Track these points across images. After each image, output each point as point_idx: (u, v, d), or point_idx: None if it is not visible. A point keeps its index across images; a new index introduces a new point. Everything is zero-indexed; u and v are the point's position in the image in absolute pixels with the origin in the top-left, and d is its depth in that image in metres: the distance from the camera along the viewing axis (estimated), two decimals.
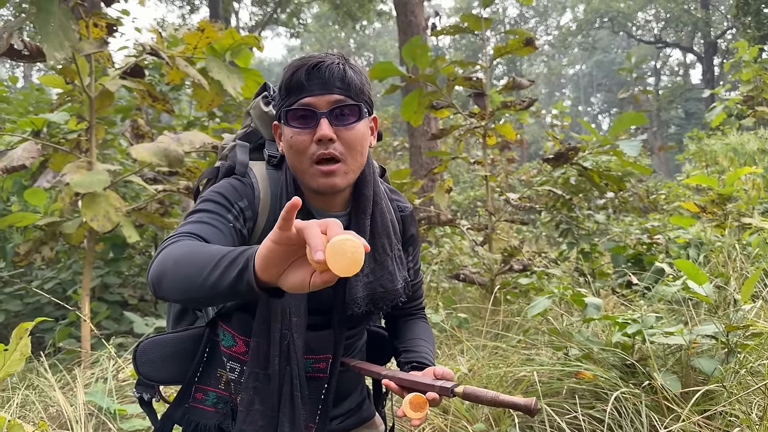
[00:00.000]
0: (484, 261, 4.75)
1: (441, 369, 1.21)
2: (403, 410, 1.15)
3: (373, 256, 1.29)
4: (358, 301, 1.26)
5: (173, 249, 1.02)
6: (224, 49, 4.34)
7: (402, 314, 1.50)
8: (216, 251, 0.95)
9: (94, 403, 2.76)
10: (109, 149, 5.62)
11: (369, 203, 1.29)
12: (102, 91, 3.88)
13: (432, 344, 1.43)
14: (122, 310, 4.72)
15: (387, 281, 1.29)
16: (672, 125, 41.70)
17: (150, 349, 1.30)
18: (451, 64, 5.06)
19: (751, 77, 11.83)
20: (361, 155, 1.23)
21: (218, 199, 1.20)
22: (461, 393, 1.15)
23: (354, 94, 1.21)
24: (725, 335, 2.56)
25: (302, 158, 1.20)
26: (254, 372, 1.23)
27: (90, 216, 3.51)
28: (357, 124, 1.21)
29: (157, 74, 5.86)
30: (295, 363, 1.22)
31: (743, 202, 6.21)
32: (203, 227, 1.13)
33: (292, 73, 1.20)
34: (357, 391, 1.45)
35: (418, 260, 1.48)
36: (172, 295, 1.03)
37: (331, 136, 1.17)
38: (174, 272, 0.99)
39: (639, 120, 4.51)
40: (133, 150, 3.39)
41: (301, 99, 1.18)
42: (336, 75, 1.18)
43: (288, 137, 1.21)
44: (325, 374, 1.29)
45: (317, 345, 1.28)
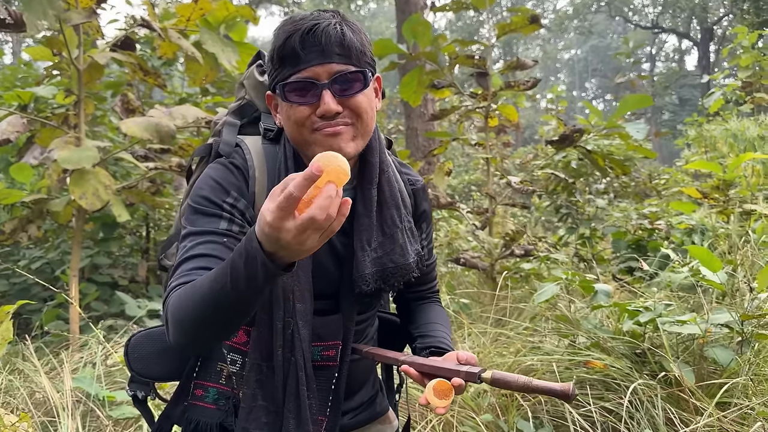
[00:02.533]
0: (484, 245, 4.65)
1: (465, 354, 1.11)
2: (427, 397, 1.05)
3: (381, 228, 1.18)
4: (366, 278, 1.14)
5: (179, 300, 0.97)
6: (218, 22, 4.17)
7: (415, 298, 1.38)
8: (218, 272, 0.91)
9: (82, 390, 2.64)
10: (99, 126, 5.45)
11: (375, 171, 1.18)
12: (91, 63, 3.71)
13: (449, 329, 1.33)
14: (112, 292, 4.59)
15: (398, 255, 1.18)
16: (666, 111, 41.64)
17: (143, 344, 1.19)
18: (452, 42, 4.92)
19: (749, 63, 11.73)
20: (371, 118, 1.12)
21: (206, 208, 1.08)
22: (489, 379, 1.05)
23: (356, 59, 1.08)
24: (740, 324, 2.47)
25: (303, 129, 1.09)
26: (256, 364, 1.12)
27: (78, 194, 3.37)
28: (363, 91, 1.09)
29: (149, 49, 5.68)
30: (300, 354, 1.11)
31: (743, 189, 6.13)
32: (199, 263, 1.04)
33: (284, 41, 1.06)
34: (369, 382, 1.33)
35: (432, 239, 1.36)
36: (205, 338, 0.99)
37: (337, 109, 1.06)
38: (192, 319, 0.95)
39: (645, 102, 4.40)
40: (123, 124, 3.24)
41: (297, 71, 1.06)
42: (334, 39, 1.06)
43: (286, 110, 1.10)
44: (335, 362, 1.18)
45: (325, 331, 1.16)
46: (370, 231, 1.16)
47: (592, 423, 2.26)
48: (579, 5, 39.63)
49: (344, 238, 1.17)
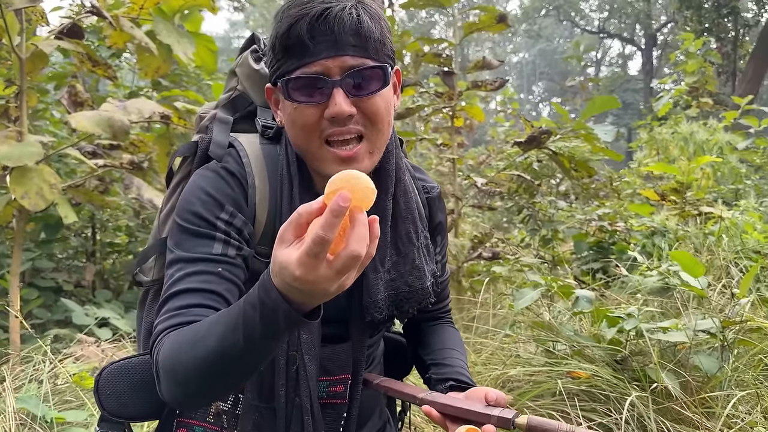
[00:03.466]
0: (450, 248, 4.55)
1: (494, 393, 0.96)
2: None
3: (395, 246, 1.02)
4: (378, 304, 0.99)
5: (175, 352, 0.82)
6: (174, 11, 3.95)
7: (425, 318, 1.23)
8: (225, 325, 0.76)
9: (27, 411, 2.38)
10: (41, 120, 5.11)
11: (391, 180, 1.02)
12: (34, 52, 3.42)
13: (465, 355, 1.18)
14: (56, 297, 4.28)
15: (413, 278, 1.02)
16: (610, 115, 42.75)
17: (117, 377, 0.99)
18: (417, 40, 4.81)
19: (695, 69, 12.10)
20: (387, 125, 0.96)
21: (197, 228, 0.91)
22: (525, 426, 0.90)
23: (374, 52, 0.92)
24: (721, 330, 2.42)
25: (310, 137, 0.92)
26: (254, 405, 0.97)
27: (20, 193, 3.10)
28: (381, 91, 0.93)
29: (96, 39, 5.36)
30: (306, 394, 0.95)
31: (695, 191, 6.24)
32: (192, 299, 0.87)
33: (290, 26, 0.89)
34: (377, 413, 1.18)
35: (446, 253, 1.21)
36: (208, 396, 0.87)
37: (350, 111, 0.90)
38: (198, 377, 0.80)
39: (611, 104, 4.40)
40: (72, 118, 2.99)
41: (304, 65, 0.90)
42: (349, 27, 0.89)
43: (289, 111, 0.93)
44: (344, 399, 1.02)
45: (333, 364, 1.01)
46: (383, 249, 1.01)
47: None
48: (528, 8, 40.29)
49: None
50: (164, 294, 0.90)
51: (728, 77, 18.07)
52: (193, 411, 1.01)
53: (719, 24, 17.41)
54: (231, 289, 0.89)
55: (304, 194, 0.96)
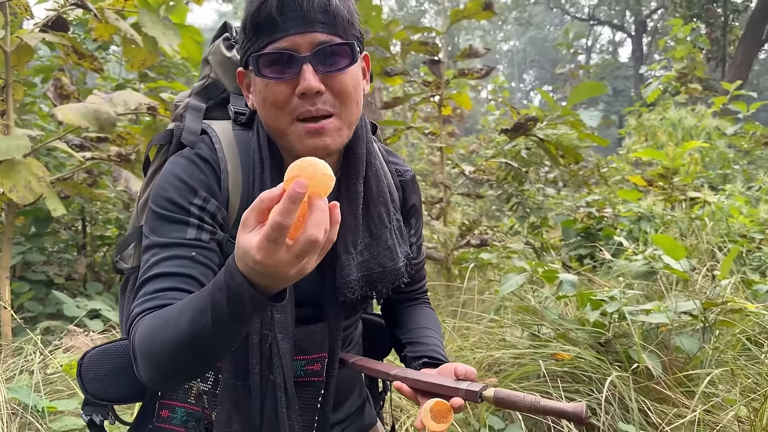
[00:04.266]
0: (438, 236, 4.59)
1: (463, 367, 0.99)
2: (423, 421, 0.92)
3: (368, 228, 1.05)
4: (351, 285, 1.01)
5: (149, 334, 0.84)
6: (159, 3, 3.94)
7: (402, 299, 1.25)
8: (195, 308, 0.79)
9: (18, 401, 2.41)
10: (29, 114, 5.09)
11: (362, 164, 1.04)
12: (19, 45, 3.42)
13: (440, 334, 1.20)
14: (48, 290, 4.29)
15: (386, 259, 1.05)
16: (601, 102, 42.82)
17: (99, 362, 1.01)
18: (405, 28, 4.82)
19: (683, 55, 12.14)
20: (357, 105, 0.98)
21: (171, 213, 0.93)
22: (492, 398, 0.93)
23: (342, 30, 0.94)
24: (702, 312, 2.47)
25: (280, 115, 0.94)
26: (231, 383, 0.99)
27: (8, 186, 3.11)
28: (350, 68, 0.95)
29: (82, 32, 5.34)
30: (279, 371, 0.97)
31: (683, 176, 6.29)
32: (166, 283, 0.90)
33: (260, 5, 0.91)
34: (356, 392, 1.21)
35: (421, 235, 1.24)
36: (182, 375, 0.89)
37: (319, 88, 0.91)
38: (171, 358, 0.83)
39: (597, 90, 4.43)
40: (58, 111, 2.99)
41: (274, 41, 0.91)
42: (317, 5, 0.91)
43: (260, 89, 0.94)
44: (321, 377, 1.05)
45: (309, 342, 1.03)
46: (355, 232, 1.03)
47: None
48: None
49: None
50: (140, 279, 0.92)
51: (718, 63, 18.11)
52: (173, 392, 1.04)
53: (708, 9, 17.43)
54: (205, 273, 0.92)
55: (275, 178, 0.98)
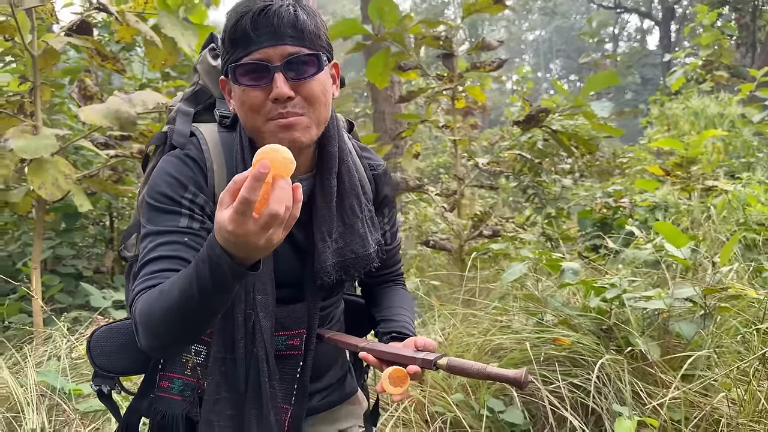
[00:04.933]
0: (453, 227, 4.67)
1: (422, 340, 1.11)
2: (382, 385, 1.05)
3: (341, 218, 1.17)
4: (327, 269, 1.14)
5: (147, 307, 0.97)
6: (177, 4, 4.08)
7: (379, 281, 1.38)
8: (184, 280, 0.91)
9: (47, 384, 2.58)
10: (58, 114, 5.29)
11: (334, 161, 1.15)
12: (46, 49, 3.59)
13: (412, 312, 1.33)
14: (77, 283, 4.49)
15: (358, 246, 1.17)
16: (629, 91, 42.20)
17: (106, 338, 1.16)
18: (418, 23, 4.88)
19: (710, 42, 11.95)
20: (325, 107, 1.09)
21: (164, 205, 1.06)
22: (445, 365, 1.06)
23: (309, 42, 1.05)
24: (702, 298, 2.52)
25: (256, 117, 1.06)
26: (220, 356, 1.11)
27: (38, 183, 3.28)
28: (317, 75, 1.06)
29: (107, 33, 5.52)
30: (261, 345, 1.09)
31: (705, 165, 6.26)
32: (162, 265, 1.03)
33: (236, 21, 1.03)
34: (338, 364, 1.33)
35: (395, 222, 1.36)
36: (177, 342, 1.00)
37: (289, 94, 1.03)
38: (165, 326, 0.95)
39: (611, 80, 4.44)
40: (81, 112, 3.15)
41: (249, 53, 1.03)
42: (287, 21, 1.03)
43: (238, 95, 1.07)
44: (300, 351, 1.17)
45: (289, 320, 1.15)
46: (330, 222, 1.15)
47: (561, 399, 2.29)
48: None
49: (304, 230, 1.16)
50: (140, 262, 1.05)
51: (747, 49, 17.73)
52: (171, 365, 1.17)
53: None
54: (196, 256, 1.01)
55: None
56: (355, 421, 1.35)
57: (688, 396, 2.17)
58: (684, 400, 2.15)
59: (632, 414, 2.05)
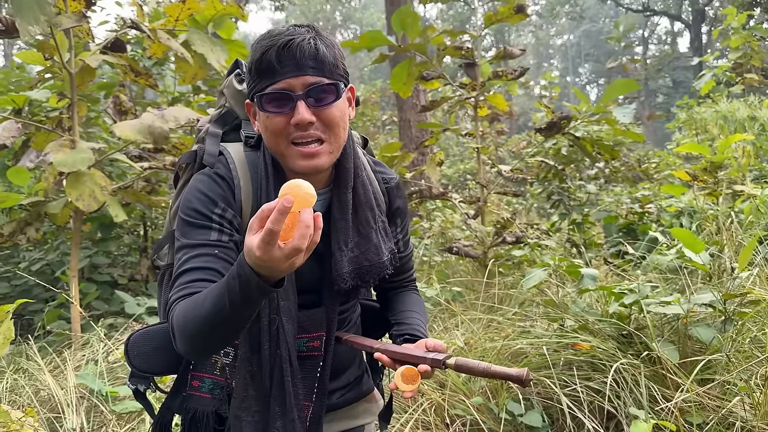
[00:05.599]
0: (476, 234, 4.72)
1: (433, 341, 1.19)
2: (395, 383, 1.14)
3: (357, 229, 1.26)
4: (344, 276, 1.23)
5: (184, 315, 1.06)
6: (206, 21, 4.21)
7: (393, 287, 1.47)
8: (217, 293, 1.00)
9: (86, 386, 2.71)
10: (93, 127, 5.49)
11: (350, 176, 1.25)
12: (83, 66, 3.76)
13: (424, 316, 1.41)
14: (112, 290, 4.65)
15: (372, 254, 1.26)
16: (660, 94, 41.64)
17: (142, 341, 1.26)
18: (441, 33, 4.97)
19: (739, 44, 11.78)
20: (343, 130, 1.19)
21: (197, 220, 1.16)
22: (453, 365, 1.14)
23: (329, 72, 1.14)
24: (722, 303, 2.54)
25: (279, 140, 1.15)
26: (246, 357, 1.20)
27: (75, 195, 3.43)
28: (335, 102, 1.15)
29: (140, 49, 5.71)
30: (285, 347, 1.18)
31: (734, 170, 6.20)
32: (196, 275, 1.13)
33: (261, 54, 1.13)
34: (355, 364, 1.42)
35: (408, 232, 1.45)
36: (211, 348, 1.11)
37: (310, 119, 1.12)
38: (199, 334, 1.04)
39: (631, 87, 4.46)
40: (116, 128, 3.29)
41: (274, 82, 1.12)
42: (308, 54, 1.12)
43: (263, 120, 1.17)
44: (320, 352, 1.26)
45: (310, 324, 1.25)
46: (346, 232, 1.24)
47: (580, 403, 2.34)
48: None
49: (323, 240, 1.24)
50: (175, 273, 1.15)
51: None
52: (202, 366, 1.27)
53: None
54: (225, 267, 1.13)
55: (278, 190, 1.18)
56: (371, 418, 1.44)
57: (704, 399, 2.19)
58: (700, 404, 2.18)
59: (648, 417, 2.08)
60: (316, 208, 1.06)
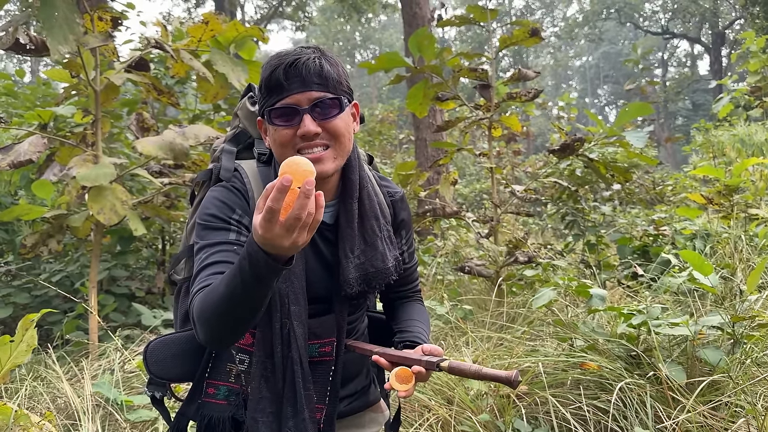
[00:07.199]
0: (489, 253, 4.75)
1: (429, 346, 1.25)
2: (390, 383, 1.20)
3: (363, 237, 1.33)
4: (350, 281, 1.29)
5: (202, 303, 1.12)
6: (228, 42, 4.34)
7: (398, 297, 1.53)
8: (229, 275, 1.07)
9: (102, 395, 2.78)
10: (116, 143, 5.63)
11: (356, 188, 1.32)
12: (107, 84, 3.88)
13: (427, 325, 1.47)
14: (130, 303, 4.74)
15: (378, 261, 1.33)
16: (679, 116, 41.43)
17: (159, 349, 1.33)
18: (456, 55, 5.05)
19: (758, 68, 11.74)
20: (348, 140, 1.27)
21: (215, 224, 1.25)
22: (446, 367, 1.20)
23: (332, 88, 1.23)
24: (731, 326, 2.55)
25: (286, 150, 1.23)
26: (261, 361, 1.27)
27: (96, 209, 3.53)
28: (339, 115, 1.24)
29: (163, 68, 5.86)
30: (296, 350, 1.25)
31: (750, 193, 6.18)
32: (215, 269, 1.19)
33: (270, 73, 1.22)
34: (363, 374, 1.47)
35: (412, 244, 1.52)
36: (228, 333, 1.13)
37: (316, 131, 1.20)
38: (216, 317, 1.09)
39: (645, 111, 4.49)
40: (138, 144, 3.40)
41: (282, 98, 1.21)
42: (313, 71, 1.21)
43: (272, 133, 1.25)
44: (332, 357, 1.32)
45: (321, 330, 1.31)
46: (352, 240, 1.31)
47: (586, 422, 2.36)
48: (589, 13, 39.65)
49: (331, 249, 1.32)
50: (196, 269, 1.22)
51: None
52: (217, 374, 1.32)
53: None
54: None
55: None
56: (377, 427, 1.49)
57: (710, 421, 2.20)
58: (707, 426, 2.19)
59: None
60: (324, 219, 1.16)
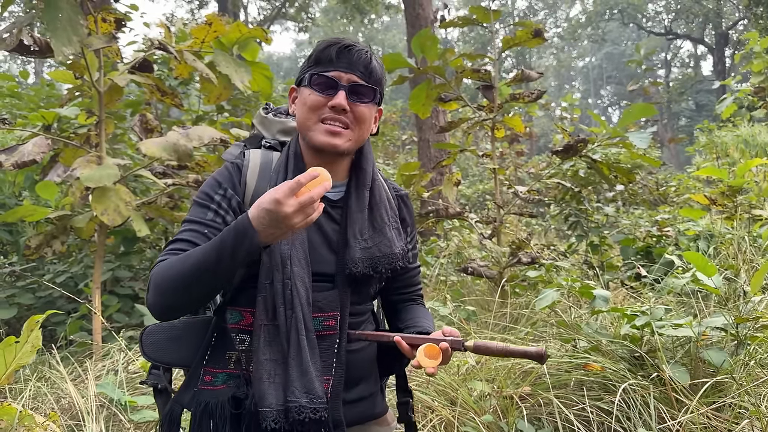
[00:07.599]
0: (492, 254, 4.75)
1: (449, 328, 1.29)
2: (418, 360, 1.21)
3: (372, 224, 1.39)
4: (356, 261, 1.34)
5: (164, 269, 1.22)
6: (232, 43, 4.34)
7: (401, 299, 1.55)
8: (208, 245, 1.17)
9: (105, 395, 2.79)
10: (119, 144, 5.64)
11: (368, 177, 1.42)
12: (111, 85, 3.89)
13: (431, 323, 1.48)
14: (133, 304, 4.75)
15: (385, 246, 1.37)
16: (683, 117, 41.37)
17: (155, 332, 1.36)
18: (459, 56, 5.05)
19: (762, 68, 11.71)
20: (366, 130, 1.37)
21: (200, 200, 1.34)
22: (472, 347, 1.23)
23: (372, 80, 1.35)
24: (735, 327, 2.55)
25: (312, 115, 1.33)
26: (263, 324, 1.27)
27: (100, 210, 3.54)
28: (369, 104, 1.35)
29: (166, 69, 5.88)
30: (299, 309, 1.27)
31: (754, 194, 6.17)
32: (181, 246, 1.27)
33: (325, 47, 1.34)
34: (370, 381, 1.45)
35: (415, 245, 1.55)
36: (180, 302, 1.22)
37: (345, 107, 1.31)
38: (171, 278, 1.19)
39: (648, 112, 4.49)
40: (142, 145, 3.40)
41: (327, 70, 1.32)
42: (362, 60, 1.33)
43: (305, 97, 1.34)
44: (335, 331, 1.34)
45: (325, 303, 1.33)
46: (362, 223, 1.37)
47: (589, 423, 2.35)
48: (591, 13, 39.61)
49: (338, 229, 1.38)
50: (168, 241, 1.32)
51: None
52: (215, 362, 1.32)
53: None
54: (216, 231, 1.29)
55: (296, 171, 1.35)
56: None
57: (713, 422, 2.20)
58: (711, 427, 2.19)
59: None
60: (330, 196, 1.33)
